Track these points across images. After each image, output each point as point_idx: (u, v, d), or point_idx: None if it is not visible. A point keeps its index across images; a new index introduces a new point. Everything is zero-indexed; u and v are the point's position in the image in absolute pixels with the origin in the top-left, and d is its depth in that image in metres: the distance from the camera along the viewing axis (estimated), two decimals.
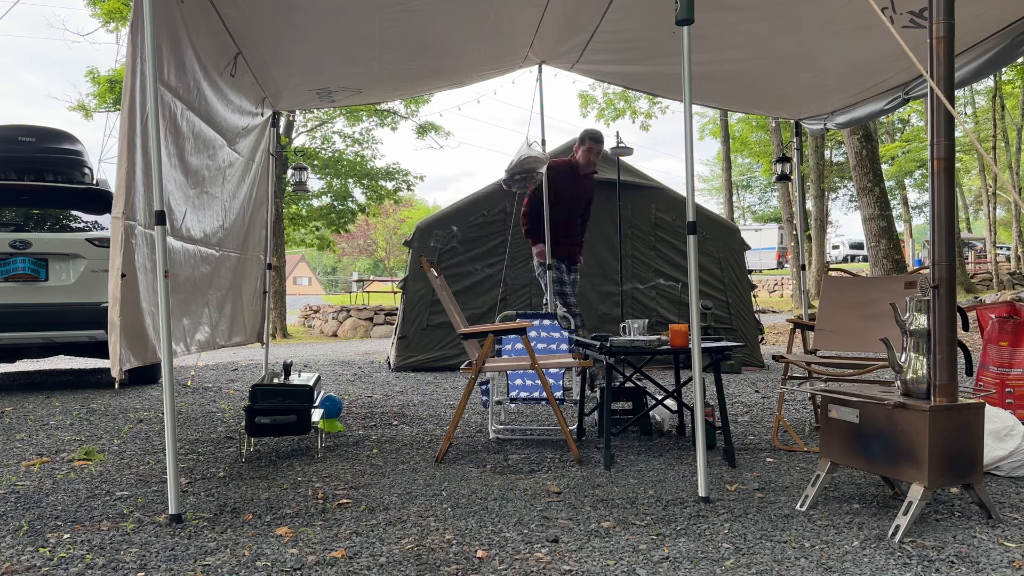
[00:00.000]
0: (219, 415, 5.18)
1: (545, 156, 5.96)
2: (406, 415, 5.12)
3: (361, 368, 8.27)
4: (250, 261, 5.22)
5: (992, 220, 22.21)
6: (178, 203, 3.65)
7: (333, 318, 16.50)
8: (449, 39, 4.96)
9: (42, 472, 3.59)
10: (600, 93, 19.80)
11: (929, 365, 2.65)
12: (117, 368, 2.89)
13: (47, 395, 6.07)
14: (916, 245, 31.50)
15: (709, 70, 4.83)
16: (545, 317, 4.74)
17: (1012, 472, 3.32)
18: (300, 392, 3.79)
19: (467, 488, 3.24)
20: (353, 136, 19.07)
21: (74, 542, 2.58)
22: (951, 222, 2.64)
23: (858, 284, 4.38)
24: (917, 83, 4.74)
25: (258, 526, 2.74)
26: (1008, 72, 18.41)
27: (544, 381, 3.80)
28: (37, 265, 6.06)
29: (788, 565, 2.32)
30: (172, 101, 3.46)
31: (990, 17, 3.95)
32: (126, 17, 13.52)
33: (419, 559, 2.40)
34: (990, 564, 2.31)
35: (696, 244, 3.11)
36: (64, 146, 6.82)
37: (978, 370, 4.30)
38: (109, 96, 14.54)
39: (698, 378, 3.10)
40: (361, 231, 40.81)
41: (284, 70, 4.97)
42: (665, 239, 8.10)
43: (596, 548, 2.48)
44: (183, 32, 3.52)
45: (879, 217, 12.20)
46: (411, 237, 7.96)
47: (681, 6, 3.04)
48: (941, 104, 2.55)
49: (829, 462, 2.92)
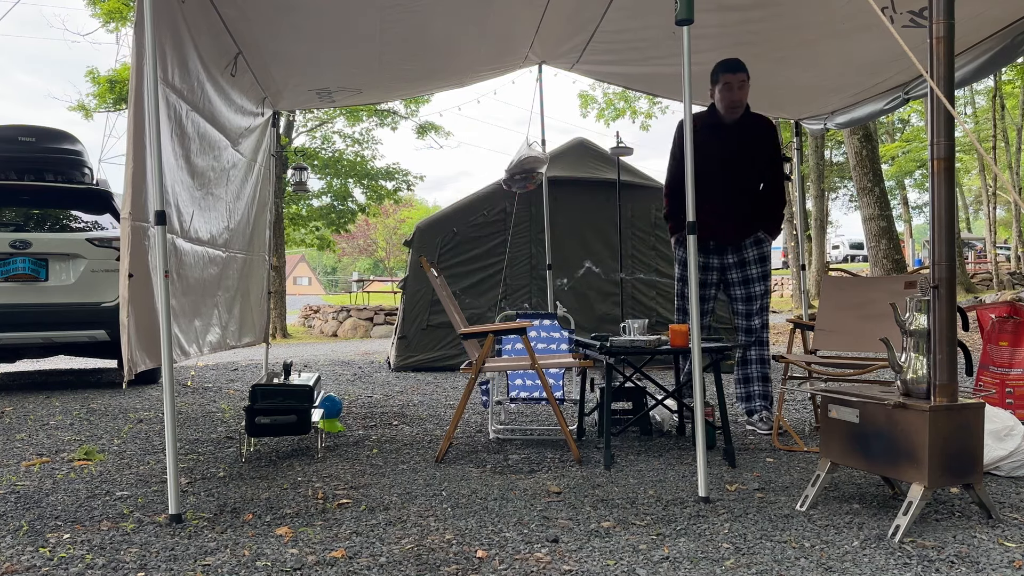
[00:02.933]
0: (219, 415, 5.18)
1: (545, 156, 5.96)
2: (406, 415, 5.12)
3: (361, 368, 8.27)
4: (255, 262, 5.23)
5: (992, 220, 22.20)
6: (186, 205, 3.65)
7: (333, 318, 16.51)
8: (449, 39, 4.96)
9: (42, 472, 3.59)
10: (600, 93, 19.79)
11: (929, 365, 2.65)
12: (128, 369, 2.90)
13: (47, 395, 6.07)
14: (916, 245, 31.50)
15: (709, 70, 4.83)
16: (545, 317, 4.74)
17: (1012, 472, 3.32)
18: (300, 392, 3.80)
19: (467, 488, 3.24)
20: (353, 136, 19.09)
21: (74, 542, 2.58)
22: (951, 222, 2.64)
23: (858, 284, 4.38)
24: (917, 83, 4.74)
25: (258, 526, 2.74)
26: (1008, 72, 18.40)
27: (544, 381, 3.80)
28: (37, 265, 6.06)
29: (788, 565, 2.32)
30: (177, 102, 3.46)
31: (990, 17, 3.95)
32: (126, 17, 13.54)
33: (419, 559, 2.40)
34: (990, 564, 2.31)
35: (696, 244, 3.11)
36: (64, 146, 6.82)
37: (978, 370, 4.30)
38: (109, 96, 14.54)
39: (698, 378, 3.10)
40: (361, 231, 40.83)
41: (284, 70, 4.97)
42: (665, 239, 8.09)
43: (596, 548, 2.48)
44: (185, 33, 3.52)
45: (879, 217, 12.20)
46: (411, 237, 7.96)
47: (681, 6, 3.04)
48: (941, 104, 2.55)
49: (829, 462, 2.92)
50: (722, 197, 4.30)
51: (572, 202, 7.70)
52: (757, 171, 4.41)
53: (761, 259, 4.43)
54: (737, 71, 4.24)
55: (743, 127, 4.34)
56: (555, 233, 6.90)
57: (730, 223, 4.37)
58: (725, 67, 4.27)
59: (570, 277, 7.84)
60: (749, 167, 4.37)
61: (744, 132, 4.34)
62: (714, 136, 4.30)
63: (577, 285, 7.86)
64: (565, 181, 7.57)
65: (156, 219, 2.90)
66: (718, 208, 4.28)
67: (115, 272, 6.11)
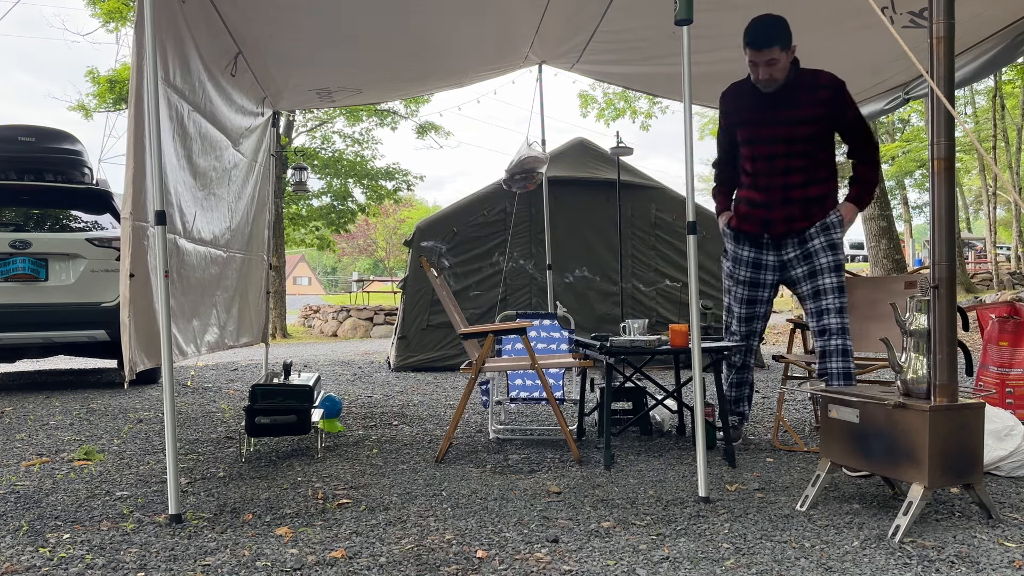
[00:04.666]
0: (219, 415, 5.18)
1: (545, 156, 5.96)
2: (406, 415, 5.12)
3: (361, 368, 8.27)
4: (254, 262, 5.23)
5: (992, 220, 22.20)
6: (188, 205, 3.65)
7: (333, 318, 16.51)
8: (449, 39, 4.96)
9: (42, 472, 3.58)
10: (600, 93, 19.77)
11: (929, 365, 2.65)
12: (129, 369, 2.90)
13: (47, 395, 6.07)
14: (916, 245, 31.49)
15: (709, 70, 4.82)
16: (545, 317, 4.74)
17: (1012, 472, 3.32)
18: (300, 392, 3.80)
19: (467, 488, 3.24)
20: (353, 136, 19.09)
21: (74, 542, 2.58)
22: (951, 222, 2.64)
23: (858, 284, 4.38)
24: (917, 83, 4.74)
25: (258, 526, 2.74)
26: (1008, 72, 18.39)
27: (544, 381, 3.80)
28: (37, 265, 6.06)
29: (788, 565, 2.32)
30: (179, 103, 3.46)
31: (990, 17, 3.95)
32: (126, 17, 13.53)
33: (419, 559, 2.40)
34: (990, 564, 2.31)
35: (696, 244, 3.11)
36: (64, 146, 6.82)
37: (978, 370, 4.30)
38: (109, 96, 14.54)
39: (698, 378, 3.10)
40: (361, 231, 40.81)
41: (284, 70, 4.97)
42: (665, 239, 8.10)
43: (596, 548, 2.48)
44: (186, 33, 3.53)
45: (879, 217, 12.20)
46: (411, 237, 7.97)
47: (680, 6, 3.03)
48: (941, 104, 2.55)
49: (829, 462, 2.92)
50: (774, 181, 3.63)
51: (572, 202, 7.70)
52: (819, 144, 3.61)
53: (831, 247, 3.62)
54: (761, 48, 3.46)
55: (792, 92, 3.56)
56: (555, 233, 6.90)
57: (791, 209, 3.62)
58: (748, 41, 3.51)
59: (572, 275, 7.85)
60: (807, 141, 3.58)
61: (795, 98, 3.55)
62: (759, 107, 3.62)
63: (577, 284, 7.86)
64: (565, 181, 7.58)
65: (156, 219, 2.90)
66: (771, 196, 3.64)
67: (115, 272, 6.11)
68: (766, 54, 3.47)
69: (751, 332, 3.89)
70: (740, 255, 3.80)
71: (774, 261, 3.75)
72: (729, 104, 3.81)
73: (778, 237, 3.69)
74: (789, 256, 3.70)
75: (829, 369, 3.60)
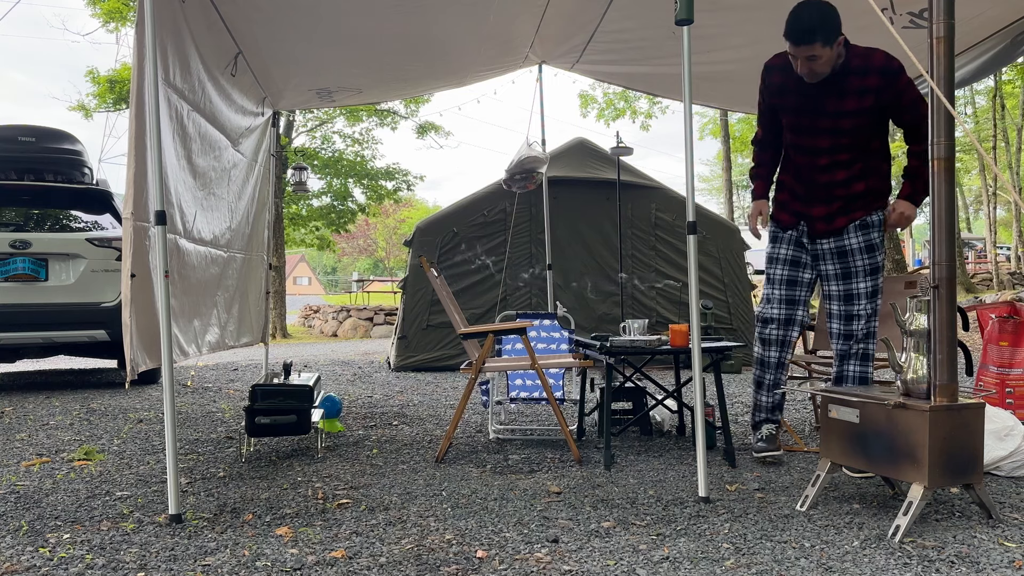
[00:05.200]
0: (219, 415, 5.18)
1: (545, 156, 5.96)
2: (406, 415, 5.12)
3: (361, 368, 8.28)
4: (254, 262, 5.23)
5: (992, 220, 22.22)
6: (188, 205, 3.65)
7: (333, 318, 16.51)
8: (449, 39, 4.96)
9: (42, 472, 3.59)
10: (600, 93, 19.81)
11: (929, 365, 2.65)
12: (131, 370, 2.90)
13: (47, 395, 6.07)
14: (916, 245, 31.48)
15: (709, 70, 4.83)
16: (545, 317, 4.74)
17: (1012, 472, 3.32)
18: (300, 392, 3.80)
19: (467, 488, 3.24)
20: (353, 136, 19.08)
21: (74, 542, 2.58)
22: (951, 222, 2.64)
23: None
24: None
25: (258, 526, 2.74)
26: (1008, 72, 18.40)
27: (544, 381, 3.80)
28: (37, 265, 6.06)
29: (788, 565, 2.32)
30: (179, 103, 3.46)
31: (990, 17, 3.95)
32: (126, 17, 13.53)
33: (419, 559, 2.40)
34: (990, 564, 2.31)
35: (696, 244, 3.11)
36: (64, 146, 6.82)
37: (978, 370, 4.30)
38: (109, 96, 14.53)
39: (698, 378, 3.10)
40: (361, 231, 40.82)
41: (284, 70, 4.97)
42: (665, 239, 8.10)
43: (596, 548, 2.48)
44: (186, 32, 3.53)
45: None
46: (411, 237, 7.97)
47: (681, 6, 3.03)
48: (941, 104, 2.55)
49: (829, 462, 2.92)
50: (817, 177, 3.40)
51: (572, 202, 7.70)
52: (869, 133, 3.32)
53: (868, 248, 3.37)
54: (799, 43, 3.11)
55: (841, 80, 3.22)
56: (555, 233, 6.90)
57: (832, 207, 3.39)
58: (786, 31, 3.14)
59: (578, 279, 7.85)
60: (854, 133, 3.29)
61: (843, 86, 3.22)
62: (803, 93, 3.29)
63: (577, 284, 7.87)
64: (565, 181, 7.58)
65: (156, 219, 2.90)
66: (812, 192, 3.42)
67: (115, 272, 6.12)
68: (805, 49, 3.11)
69: (790, 319, 3.54)
70: (779, 235, 3.58)
71: (809, 247, 3.53)
72: (773, 81, 3.41)
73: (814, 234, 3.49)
74: (823, 248, 3.47)
75: (846, 373, 3.47)
